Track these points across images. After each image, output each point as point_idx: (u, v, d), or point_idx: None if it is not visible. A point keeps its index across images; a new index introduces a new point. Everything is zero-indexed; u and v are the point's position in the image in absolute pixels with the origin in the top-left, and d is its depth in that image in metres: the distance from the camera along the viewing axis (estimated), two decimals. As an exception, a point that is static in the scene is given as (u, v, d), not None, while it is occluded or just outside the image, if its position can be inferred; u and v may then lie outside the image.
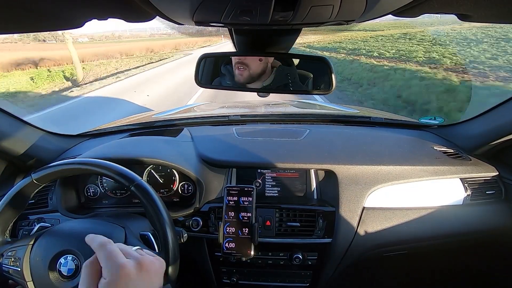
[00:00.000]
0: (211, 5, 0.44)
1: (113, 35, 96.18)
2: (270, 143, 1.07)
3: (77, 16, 0.48)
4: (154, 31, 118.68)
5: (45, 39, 40.25)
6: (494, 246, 1.10)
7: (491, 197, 0.99)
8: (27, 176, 0.65)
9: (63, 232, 0.66)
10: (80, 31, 35.88)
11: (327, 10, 0.45)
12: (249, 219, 0.87)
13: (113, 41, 55.49)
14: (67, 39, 12.00)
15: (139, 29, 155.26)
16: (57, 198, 0.91)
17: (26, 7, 0.40)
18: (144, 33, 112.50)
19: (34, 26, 0.50)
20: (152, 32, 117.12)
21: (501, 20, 0.53)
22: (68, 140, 1.21)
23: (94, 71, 14.21)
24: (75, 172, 0.68)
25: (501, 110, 0.97)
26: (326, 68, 0.83)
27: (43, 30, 0.52)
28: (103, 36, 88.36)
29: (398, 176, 0.95)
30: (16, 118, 0.98)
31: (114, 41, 51.39)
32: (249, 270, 0.98)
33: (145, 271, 0.45)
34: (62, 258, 0.61)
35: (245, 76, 0.89)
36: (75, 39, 51.39)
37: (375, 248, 0.95)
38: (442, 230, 0.97)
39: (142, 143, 1.05)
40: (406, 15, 0.50)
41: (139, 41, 41.00)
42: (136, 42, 39.59)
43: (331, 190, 0.96)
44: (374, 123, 1.30)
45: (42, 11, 0.43)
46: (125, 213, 0.89)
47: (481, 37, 14.71)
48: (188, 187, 1.00)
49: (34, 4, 0.40)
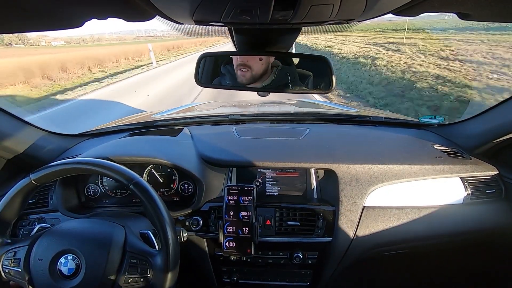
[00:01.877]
0: (211, 5, 0.44)
1: (91, 37, 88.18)
2: (270, 142, 1.07)
3: (77, 15, 0.48)
4: (141, 33, 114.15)
5: (11, 42, 35.31)
6: (494, 245, 1.10)
7: (491, 196, 0.99)
8: (26, 177, 0.65)
9: (63, 232, 0.66)
10: (56, 33, 26.91)
11: (327, 9, 0.45)
12: (249, 218, 0.87)
13: (91, 44, 49.03)
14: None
15: (126, 31, 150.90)
16: (58, 197, 0.91)
17: (26, 7, 0.40)
18: (130, 36, 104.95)
19: (34, 25, 0.50)
20: (139, 34, 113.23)
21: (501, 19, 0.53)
22: (69, 140, 1.21)
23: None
24: (73, 172, 0.68)
25: (501, 109, 0.97)
26: (326, 68, 0.83)
27: (43, 29, 0.52)
28: (80, 39, 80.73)
29: (398, 175, 0.95)
30: (16, 118, 0.98)
31: (91, 45, 44.50)
32: (249, 269, 0.99)
33: None
34: (62, 258, 0.61)
35: (247, 77, 0.89)
36: (48, 42, 45.67)
37: (375, 247, 0.96)
38: (442, 229, 0.97)
39: (142, 143, 1.05)
40: (406, 14, 0.50)
41: (114, 45, 33.15)
42: (110, 46, 31.49)
43: (331, 189, 0.96)
44: (374, 122, 1.30)
45: (42, 11, 0.43)
46: (126, 213, 0.89)
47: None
48: (188, 187, 1.00)
49: (34, 4, 0.40)
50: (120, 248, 0.65)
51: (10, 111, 0.95)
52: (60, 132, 1.19)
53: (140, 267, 0.63)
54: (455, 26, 19.93)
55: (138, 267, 0.63)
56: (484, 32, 14.03)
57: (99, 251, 0.63)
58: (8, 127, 0.94)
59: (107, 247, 0.63)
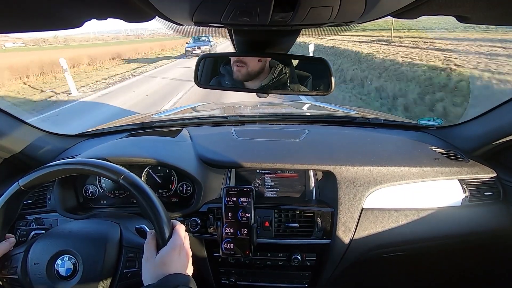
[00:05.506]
0: (210, 6, 0.44)
1: (56, 38, 73.53)
2: (269, 144, 1.07)
3: (76, 16, 0.48)
4: (123, 33, 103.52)
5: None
6: (493, 247, 1.10)
7: (489, 199, 0.99)
8: (14, 183, 0.63)
9: (57, 234, 0.66)
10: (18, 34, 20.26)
11: (327, 11, 0.45)
12: (248, 220, 0.86)
13: (50, 47, 39.55)
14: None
15: (105, 31, 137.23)
16: (55, 198, 0.91)
17: (25, 7, 0.40)
18: (108, 36, 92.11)
19: (34, 26, 0.50)
20: (127, 33, 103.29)
21: (500, 22, 0.53)
22: (67, 140, 1.21)
23: None
24: (61, 173, 0.66)
25: (499, 111, 0.97)
26: (325, 69, 0.83)
27: (43, 30, 0.52)
28: (41, 40, 69.41)
29: (397, 177, 0.95)
30: (15, 118, 0.98)
31: (49, 47, 35.89)
32: (247, 271, 0.98)
33: (186, 253, 0.61)
34: (59, 259, 0.61)
35: (243, 73, 0.89)
36: (2, 44, 37.81)
37: (374, 249, 0.96)
38: (441, 231, 0.97)
39: (141, 143, 1.05)
40: (405, 17, 0.50)
41: (77, 48, 25.41)
42: (67, 49, 23.53)
43: (330, 191, 0.96)
44: (373, 124, 1.31)
45: (42, 11, 0.43)
46: (123, 213, 0.89)
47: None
48: (187, 188, 1.00)
49: (33, 4, 0.40)
50: (116, 244, 0.65)
51: (8, 111, 0.95)
52: (58, 133, 1.19)
53: (138, 261, 0.63)
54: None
55: (136, 261, 0.64)
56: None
57: (95, 249, 0.62)
58: (6, 127, 0.94)
59: (103, 244, 0.63)
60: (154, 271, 0.55)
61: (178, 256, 0.58)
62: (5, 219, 0.64)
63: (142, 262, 0.58)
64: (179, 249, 0.59)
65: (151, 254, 0.58)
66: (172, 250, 0.58)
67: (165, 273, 0.54)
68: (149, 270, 0.56)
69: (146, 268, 0.57)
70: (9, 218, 0.65)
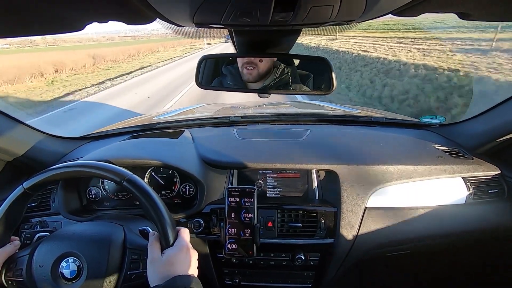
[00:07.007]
0: (211, 7, 0.44)
1: (44, 39, 58.58)
2: (271, 144, 1.07)
3: (78, 19, 0.48)
4: (121, 34, 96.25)
5: None
6: (497, 245, 1.09)
7: (493, 196, 0.99)
8: (19, 186, 0.64)
9: (61, 236, 0.66)
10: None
11: (327, 10, 0.45)
12: (251, 220, 0.86)
13: (38, 48, 34.98)
14: None
15: (102, 32, 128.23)
16: (59, 200, 0.91)
17: (27, 11, 0.40)
18: (103, 37, 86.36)
19: (36, 29, 0.50)
20: (125, 34, 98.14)
21: (502, 19, 0.53)
22: (70, 143, 1.22)
23: None
24: (65, 176, 0.67)
25: (502, 108, 0.97)
26: (326, 69, 0.82)
27: (45, 33, 0.53)
28: (28, 41, 55.94)
29: (400, 176, 0.95)
30: (17, 121, 0.98)
31: (36, 49, 31.48)
32: (251, 271, 0.98)
33: (192, 255, 0.62)
34: (63, 262, 0.61)
35: (254, 75, 0.89)
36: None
37: (377, 248, 0.95)
38: (445, 229, 0.96)
39: (143, 145, 1.05)
40: (406, 15, 0.50)
41: (69, 50, 23.75)
42: (52, 52, 21.71)
43: (332, 191, 0.96)
44: (375, 122, 1.30)
45: (44, 14, 0.43)
46: (127, 215, 0.89)
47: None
48: (190, 189, 1.00)
49: (35, 8, 0.40)
50: (120, 246, 0.65)
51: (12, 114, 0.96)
52: (61, 135, 1.19)
53: (142, 262, 0.63)
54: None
55: (139, 262, 0.64)
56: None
57: (99, 251, 0.63)
58: (9, 130, 0.95)
59: (107, 246, 0.63)
60: (161, 272, 0.55)
61: (184, 257, 0.59)
62: (10, 222, 0.64)
63: (147, 263, 0.58)
64: (186, 250, 0.60)
65: (157, 255, 0.58)
66: (179, 251, 0.59)
67: (172, 274, 0.54)
68: (155, 271, 0.56)
69: (152, 269, 0.57)
70: (14, 220, 0.65)
